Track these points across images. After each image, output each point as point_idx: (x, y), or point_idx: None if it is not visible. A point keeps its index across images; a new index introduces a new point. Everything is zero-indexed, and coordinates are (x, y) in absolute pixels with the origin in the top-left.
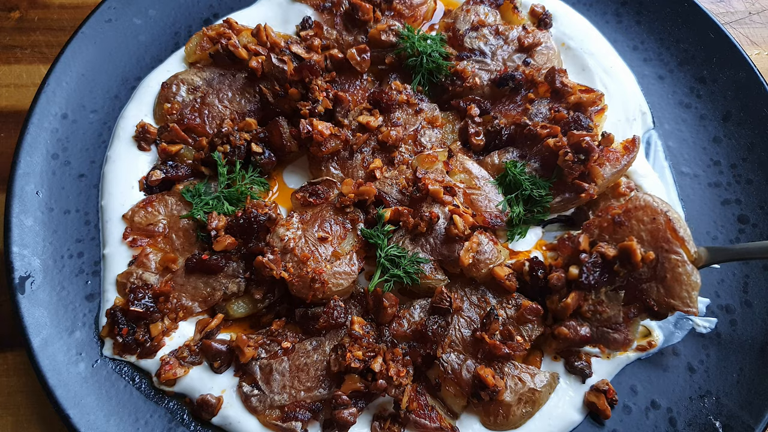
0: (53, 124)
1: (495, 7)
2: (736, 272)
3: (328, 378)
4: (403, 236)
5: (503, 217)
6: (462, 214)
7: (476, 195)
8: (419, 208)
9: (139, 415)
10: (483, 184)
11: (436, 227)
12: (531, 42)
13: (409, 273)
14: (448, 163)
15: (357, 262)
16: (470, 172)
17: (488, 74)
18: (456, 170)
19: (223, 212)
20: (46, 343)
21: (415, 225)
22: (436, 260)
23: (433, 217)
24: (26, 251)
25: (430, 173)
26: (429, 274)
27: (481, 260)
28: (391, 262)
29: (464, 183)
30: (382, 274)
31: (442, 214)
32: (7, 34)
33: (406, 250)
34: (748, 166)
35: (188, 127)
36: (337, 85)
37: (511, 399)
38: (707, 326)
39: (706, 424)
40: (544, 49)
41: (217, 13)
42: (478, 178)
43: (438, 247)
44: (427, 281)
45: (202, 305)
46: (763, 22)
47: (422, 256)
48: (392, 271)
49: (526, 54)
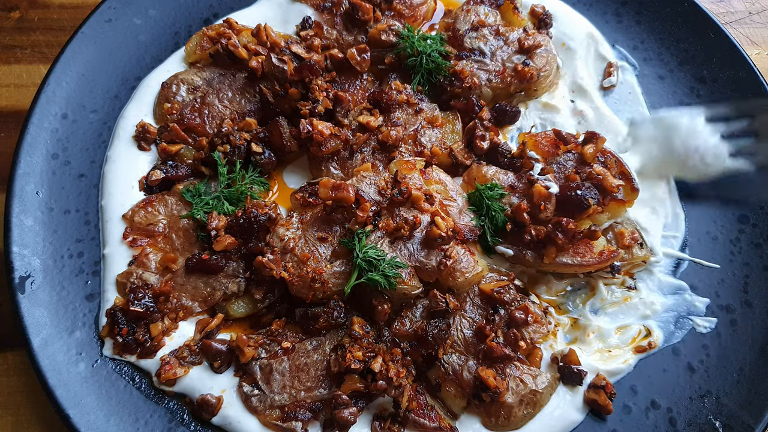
0: (53, 124)
1: (495, 8)
2: (736, 272)
3: (328, 378)
4: (382, 237)
5: (477, 231)
6: (444, 218)
7: (451, 207)
8: (396, 211)
9: (139, 415)
10: (456, 196)
11: (415, 233)
12: (531, 44)
13: (388, 277)
14: (425, 172)
15: None
16: (445, 184)
17: (486, 74)
18: (432, 180)
19: (223, 212)
20: (46, 343)
21: (398, 228)
22: (413, 266)
23: (417, 222)
24: (26, 251)
25: (409, 178)
26: (407, 279)
27: (457, 269)
28: (368, 264)
29: (440, 193)
30: (359, 275)
31: (424, 220)
32: (7, 34)
33: (385, 252)
34: None
35: (188, 127)
36: (337, 85)
37: (512, 400)
38: (707, 326)
39: (706, 424)
40: (543, 51)
41: (217, 13)
42: (452, 190)
43: (415, 253)
44: (404, 287)
45: (202, 305)
46: (763, 22)
47: (400, 261)
48: (369, 275)
49: (525, 55)
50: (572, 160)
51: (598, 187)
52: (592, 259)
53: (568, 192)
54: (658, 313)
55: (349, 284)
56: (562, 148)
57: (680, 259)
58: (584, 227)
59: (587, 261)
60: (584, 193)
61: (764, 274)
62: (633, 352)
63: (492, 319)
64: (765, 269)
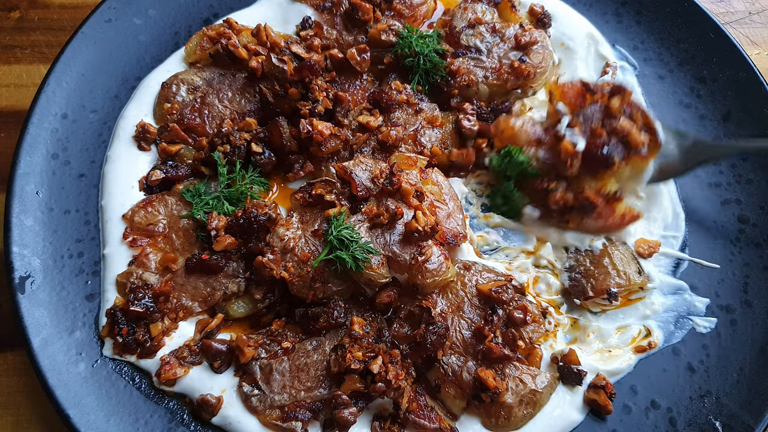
0: (53, 124)
1: (493, 6)
2: (736, 272)
3: (328, 378)
4: (362, 222)
5: (460, 238)
6: (426, 214)
7: (441, 209)
8: (384, 200)
9: (139, 415)
10: (449, 201)
11: (396, 225)
12: (528, 40)
13: (357, 259)
14: (424, 171)
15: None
16: (441, 186)
17: (483, 71)
18: (429, 180)
19: (223, 212)
20: (46, 343)
21: (378, 215)
22: (386, 255)
23: (398, 212)
24: (26, 251)
25: (405, 173)
26: (375, 266)
27: (428, 269)
28: (340, 243)
29: (433, 195)
30: (330, 252)
31: (406, 214)
32: (7, 34)
33: (360, 236)
34: (748, 166)
35: (188, 127)
36: (337, 85)
37: (512, 401)
38: (707, 326)
39: (706, 424)
40: (540, 48)
41: (217, 13)
42: (447, 194)
43: (390, 244)
44: (371, 273)
45: (202, 305)
46: (763, 22)
47: (373, 247)
48: (338, 253)
49: (522, 52)
50: (599, 111)
51: (624, 141)
52: (614, 222)
53: (594, 149)
54: (658, 313)
55: (317, 259)
56: (588, 98)
57: (680, 259)
58: (608, 186)
59: (610, 223)
60: (610, 151)
61: (764, 274)
62: (633, 352)
63: (490, 320)
64: (765, 269)
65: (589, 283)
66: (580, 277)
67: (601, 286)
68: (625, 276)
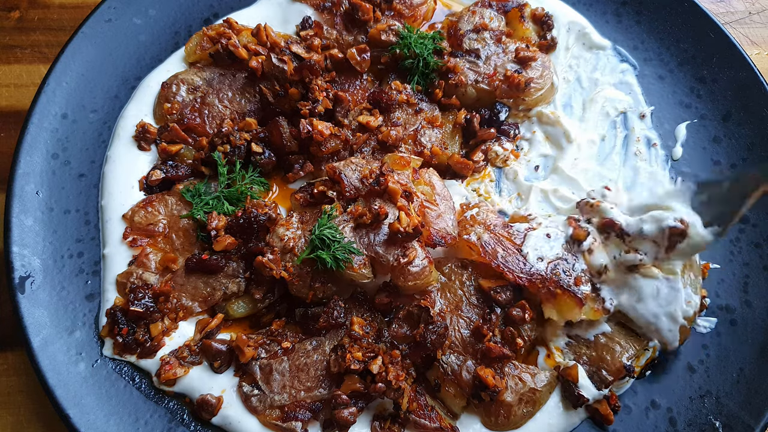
0: (53, 124)
1: (502, 13)
2: (736, 272)
3: (328, 378)
4: (347, 222)
5: (448, 239)
6: (410, 215)
7: (431, 210)
8: (372, 201)
9: (139, 415)
10: (440, 201)
11: (382, 225)
12: (528, 56)
13: (338, 259)
14: (417, 172)
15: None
16: (434, 186)
17: (475, 75)
18: (422, 181)
19: (223, 212)
20: (46, 343)
21: (362, 214)
22: (370, 256)
23: (381, 213)
24: (26, 251)
25: (397, 174)
26: (356, 266)
27: (410, 272)
28: (321, 242)
29: (425, 195)
30: (312, 251)
31: (392, 214)
32: (7, 34)
33: (344, 236)
34: (748, 166)
35: (188, 127)
36: (337, 85)
37: (511, 399)
38: (707, 326)
39: (706, 424)
40: (539, 65)
41: (217, 13)
42: (439, 194)
43: (374, 245)
44: (352, 273)
45: (202, 305)
46: (763, 22)
47: (356, 248)
48: (319, 252)
49: (520, 65)
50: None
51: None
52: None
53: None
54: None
55: (300, 257)
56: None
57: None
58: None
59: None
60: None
61: (764, 274)
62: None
63: (489, 318)
64: (765, 269)
65: (602, 370)
66: (588, 368)
67: (615, 367)
68: (629, 343)
